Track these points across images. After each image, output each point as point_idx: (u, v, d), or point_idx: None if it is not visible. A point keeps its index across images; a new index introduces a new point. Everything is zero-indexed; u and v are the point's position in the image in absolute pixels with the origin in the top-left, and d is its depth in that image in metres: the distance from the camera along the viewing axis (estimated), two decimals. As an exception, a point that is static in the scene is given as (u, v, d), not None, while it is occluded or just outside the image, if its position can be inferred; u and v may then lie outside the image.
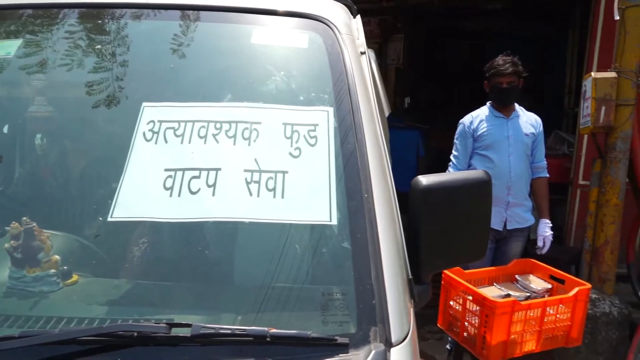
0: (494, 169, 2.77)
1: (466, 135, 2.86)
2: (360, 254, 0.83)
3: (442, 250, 1.01)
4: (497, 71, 2.74)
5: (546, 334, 2.36)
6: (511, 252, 2.89)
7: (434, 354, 3.31)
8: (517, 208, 2.81)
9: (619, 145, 2.82)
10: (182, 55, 1.11)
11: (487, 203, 1.04)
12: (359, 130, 0.98)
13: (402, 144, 5.05)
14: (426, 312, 3.81)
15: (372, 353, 0.73)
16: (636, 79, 2.77)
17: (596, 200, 2.96)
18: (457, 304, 2.45)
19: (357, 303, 0.80)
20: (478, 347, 2.29)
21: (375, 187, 0.91)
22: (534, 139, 2.82)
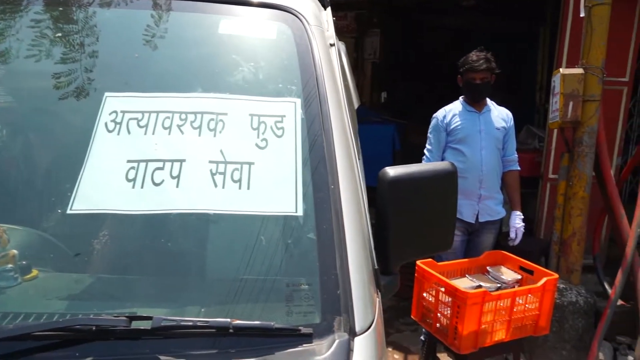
0: (466, 162, 2.82)
1: (439, 129, 2.90)
2: (326, 244, 0.84)
3: (410, 240, 1.03)
4: (471, 67, 2.78)
5: (515, 323, 2.41)
6: (483, 244, 2.94)
7: (408, 346, 3.36)
8: (489, 201, 2.86)
9: (586, 139, 2.91)
10: (147, 45, 1.09)
11: (453, 194, 1.05)
12: (327, 121, 0.98)
13: (378, 139, 5.09)
14: (402, 305, 3.86)
15: (336, 342, 0.74)
16: (602, 76, 2.85)
17: (564, 193, 3.04)
18: (430, 295, 2.49)
19: (322, 293, 0.80)
20: (450, 338, 2.33)
21: (341, 179, 0.91)
22: (505, 132, 2.87)
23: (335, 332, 0.76)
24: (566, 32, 3.85)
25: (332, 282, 0.80)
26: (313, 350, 0.74)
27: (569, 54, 3.83)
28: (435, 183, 1.02)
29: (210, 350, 0.73)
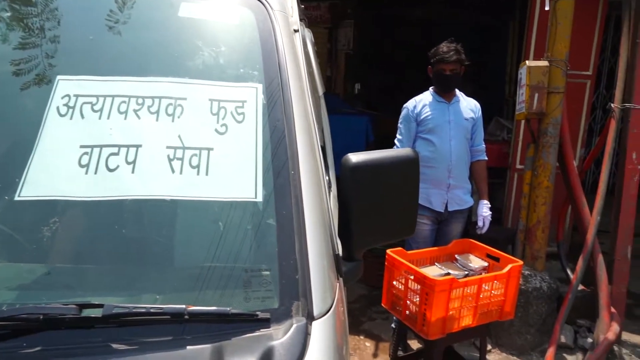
0: (435, 152, 2.86)
1: (410, 119, 2.92)
2: (285, 230, 0.83)
3: (373, 227, 1.03)
4: (441, 58, 2.80)
5: (482, 309, 2.47)
6: (452, 233, 3.00)
7: (380, 334, 3.41)
8: (458, 190, 2.91)
9: (550, 130, 2.99)
10: (103, 26, 1.05)
11: (415, 180, 1.06)
12: (288, 107, 0.97)
13: (351, 130, 5.11)
14: (374, 294, 3.91)
15: (293, 327, 0.74)
16: (565, 68, 2.93)
17: (530, 183, 3.12)
18: (400, 283, 2.52)
19: (280, 279, 0.80)
20: (419, 324, 2.37)
21: (302, 165, 0.91)
22: (474, 123, 2.92)
23: (293, 317, 0.76)
24: (533, 26, 3.94)
25: (290, 268, 0.80)
26: (270, 334, 0.73)
27: (536, 47, 3.92)
28: (397, 169, 1.03)
29: (165, 337, 0.72)
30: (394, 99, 3.01)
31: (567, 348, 3.09)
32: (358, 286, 4.16)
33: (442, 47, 2.84)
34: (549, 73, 2.90)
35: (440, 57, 2.80)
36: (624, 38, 3.01)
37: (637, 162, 2.95)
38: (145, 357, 0.68)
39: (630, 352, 3.03)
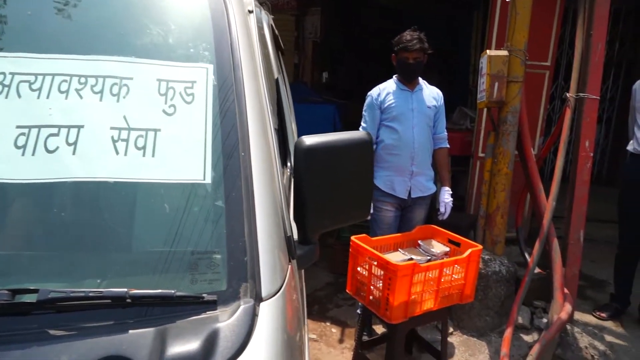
0: (399, 139, 2.89)
1: (374, 107, 2.94)
2: (234, 212, 0.82)
3: (327, 209, 1.03)
4: (405, 46, 2.82)
5: (443, 292, 2.54)
6: (415, 219, 3.05)
7: (346, 319, 3.45)
8: (420, 177, 2.96)
9: (510, 118, 3.07)
10: (42, 1, 1.00)
11: (369, 163, 1.07)
12: (240, 89, 0.95)
13: (319, 118, 5.10)
14: (340, 281, 3.95)
15: (240, 308, 0.73)
16: (524, 58, 3.01)
17: (490, 170, 3.21)
18: (364, 269, 2.55)
19: (229, 260, 0.79)
20: (382, 309, 2.41)
21: (253, 146, 0.90)
22: (436, 111, 2.96)
23: (240, 299, 0.75)
24: (495, 16, 4.02)
25: (239, 250, 0.79)
26: (217, 316, 0.73)
27: (497, 38, 4.00)
28: (351, 152, 1.03)
29: (106, 322, 0.70)
30: (363, 88, 3.02)
31: (524, 328, 3.22)
32: (324, 273, 4.19)
33: (405, 35, 2.86)
34: (509, 62, 2.97)
35: (404, 46, 2.82)
36: (579, 30, 3.11)
37: (589, 150, 3.07)
38: (85, 342, 0.66)
39: (582, 330, 3.18)
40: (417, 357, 3.02)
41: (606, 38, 3.11)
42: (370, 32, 7.33)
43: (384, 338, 2.95)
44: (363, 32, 7.41)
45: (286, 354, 0.75)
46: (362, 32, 7.42)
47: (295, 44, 5.90)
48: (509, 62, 2.97)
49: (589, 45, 3.03)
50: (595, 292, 3.99)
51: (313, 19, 6.04)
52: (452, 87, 6.52)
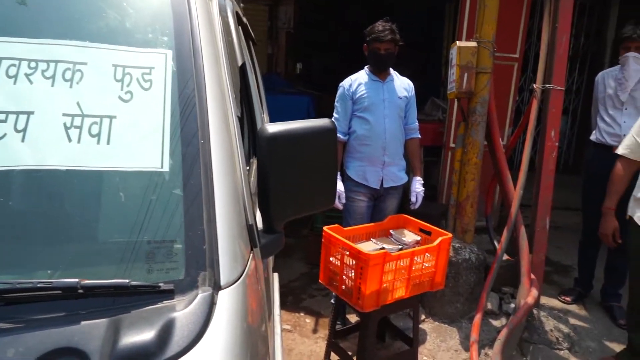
0: (371, 130, 2.90)
1: (346, 98, 2.94)
2: (192, 200, 0.81)
3: (292, 198, 1.03)
4: (377, 37, 2.83)
5: (414, 280, 2.58)
6: (387, 209, 3.08)
7: (320, 310, 3.47)
8: (392, 167, 2.98)
9: (479, 109, 3.12)
10: (-11, -17, 0.95)
11: (333, 151, 1.07)
12: (200, 75, 0.93)
13: (293, 109, 5.07)
14: (314, 272, 3.96)
15: (198, 297, 0.72)
16: (492, 49, 3.06)
17: (460, 160, 3.26)
18: (336, 259, 2.57)
19: (186, 249, 0.78)
20: (354, 298, 2.43)
21: (213, 134, 0.88)
22: (407, 102, 2.98)
23: (199, 287, 0.74)
24: (466, 8, 4.07)
25: (197, 238, 0.78)
26: (173, 305, 0.71)
27: (468, 29, 4.05)
28: (315, 140, 1.03)
29: (57, 313, 0.68)
30: (337, 79, 3.01)
31: (493, 314, 3.31)
32: (299, 264, 4.20)
33: (377, 26, 2.86)
34: (478, 54, 3.01)
35: (376, 36, 2.83)
36: (545, 23, 3.18)
37: (555, 140, 3.16)
38: (33, 334, 0.64)
39: (547, 314, 3.29)
40: (389, 345, 3.07)
41: (571, 31, 3.19)
42: (344, 23, 7.31)
43: (357, 327, 2.98)
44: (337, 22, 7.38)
45: (246, 342, 0.74)
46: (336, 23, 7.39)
47: (268, 35, 5.84)
48: (477, 54, 3.01)
49: (555, 38, 3.10)
50: (560, 277, 4.13)
51: (286, 9, 5.98)
52: (425, 78, 6.58)
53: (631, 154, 2.59)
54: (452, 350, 3.02)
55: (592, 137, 3.47)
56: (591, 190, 3.38)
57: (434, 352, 3.01)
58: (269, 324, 1.24)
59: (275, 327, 1.62)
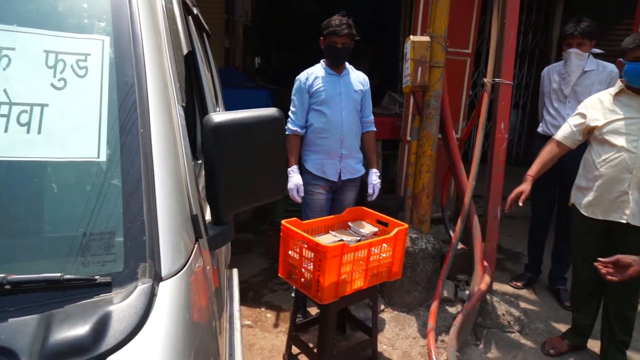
0: (328, 123, 2.92)
1: (302, 91, 2.94)
2: (131, 191, 0.78)
3: (240, 189, 1.02)
4: (333, 31, 2.83)
5: (372, 271, 2.62)
6: (346, 201, 3.11)
7: (281, 304, 3.47)
8: (350, 160, 3.01)
9: (432, 102, 3.20)
10: None
11: (281, 140, 1.06)
12: (140, 63, 0.90)
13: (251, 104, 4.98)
14: (275, 266, 3.95)
15: (137, 289, 0.70)
16: (445, 44, 3.14)
17: (416, 152, 3.33)
18: (295, 252, 2.57)
19: (125, 240, 0.75)
20: (313, 290, 2.45)
21: (154, 123, 0.85)
22: (363, 95, 3.02)
23: (138, 279, 0.72)
24: (420, 3, 4.14)
25: (137, 229, 0.75)
26: (111, 299, 0.69)
27: (422, 24, 4.13)
28: (262, 129, 1.02)
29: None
30: (296, 73, 3.00)
31: (449, 301, 3.42)
32: (260, 259, 4.18)
33: (334, 19, 2.87)
34: (431, 48, 3.08)
35: (333, 30, 2.84)
36: (494, 20, 3.29)
37: (505, 132, 3.28)
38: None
39: (500, 299, 3.43)
40: (350, 335, 3.11)
41: (519, 28, 3.32)
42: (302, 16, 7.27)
43: (317, 319, 3.00)
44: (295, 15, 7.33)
45: (189, 334, 0.73)
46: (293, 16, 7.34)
47: (225, 28, 5.73)
48: (431, 48, 3.08)
49: (503, 34, 3.22)
50: (512, 263, 4.31)
51: (243, 2, 5.88)
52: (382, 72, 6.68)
53: (564, 139, 2.75)
54: (411, 337, 3.10)
55: (539, 129, 3.64)
56: (539, 180, 3.53)
57: (393, 341, 3.07)
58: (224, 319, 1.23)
59: (235, 323, 1.61)
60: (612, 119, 2.51)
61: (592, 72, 3.34)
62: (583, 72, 3.34)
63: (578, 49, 3.30)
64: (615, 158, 2.48)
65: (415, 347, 3.01)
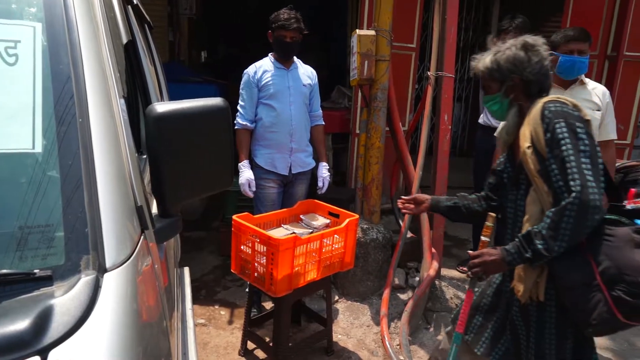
0: (277, 117, 2.92)
1: (251, 85, 2.92)
2: (71, 182, 0.75)
3: (185, 180, 1.01)
4: (282, 25, 2.82)
5: (325, 262, 2.66)
6: (297, 195, 3.13)
7: (235, 301, 3.44)
8: (300, 153, 3.03)
9: (379, 95, 3.28)
10: None
11: (227, 130, 1.06)
12: (76, 50, 0.87)
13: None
14: (228, 263, 3.90)
15: (81, 281, 0.68)
16: (390, 38, 3.22)
17: (365, 145, 3.41)
18: (248, 247, 2.56)
19: (66, 233, 0.73)
20: (267, 284, 2.45)
21: (93, 112, 0.83)
22: (311, 89, 3.04)
23: (81, 272, 0.70)
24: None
25: (78, 221, 0.73)
26: (52, 292, 0.67)
27: (368, 18, 4.22)
28: (207, 119, 1.01)
29: None
30: (244, 67, 2.97)
31: (400, 288, 3.53)
32: (212, 257, 4.11)
33: (282, 13, 2.86)
34: (377, 42, 3.16)
35: (281, 24, 2.83)
36: (436, 15, 3.42)
37: (448, 123, 3.42)
38: None
39: (447, 284, 3.58)
40: (305, 327, 3.14)
41: (460, 24, 3.47)
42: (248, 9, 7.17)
43: (272, 313, 3.01)
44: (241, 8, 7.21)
45: (137, 325, 0.72)
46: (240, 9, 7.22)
47: (169, 21, 5.55)
48: (376, 42, 3.15)
49: (445, 30, 3.35)
50: (458, 249, 4.51)
51: (187, -5, 5.74)
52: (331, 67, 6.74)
53: None
54: (365, 326, 3.18)
55: (480, 120, 3.82)
56: (480, 167, 3.72)
57: (348, 330, 3.13)
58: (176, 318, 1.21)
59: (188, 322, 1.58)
60: None
61: (525, 66, 3.54)
62: (518, 66, 3.54)
63: (513, 44, 3.49)
64: None
65: (369, 335, 3.09)
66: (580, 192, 1.39)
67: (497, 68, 1.68)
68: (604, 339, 3.14)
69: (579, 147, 1.45)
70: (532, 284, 1.58)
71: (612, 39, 4.63)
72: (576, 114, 1.53)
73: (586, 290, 1.45)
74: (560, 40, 2.62)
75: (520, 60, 1.64)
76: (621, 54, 4.53)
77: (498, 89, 1.72)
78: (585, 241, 1.48)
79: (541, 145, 1.51)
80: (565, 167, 1.45)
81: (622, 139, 4.71)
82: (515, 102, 1.69)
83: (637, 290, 1.39)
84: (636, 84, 4.65)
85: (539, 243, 1.47)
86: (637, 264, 1.40)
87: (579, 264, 1.47)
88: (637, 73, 4.62)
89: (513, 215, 1.73)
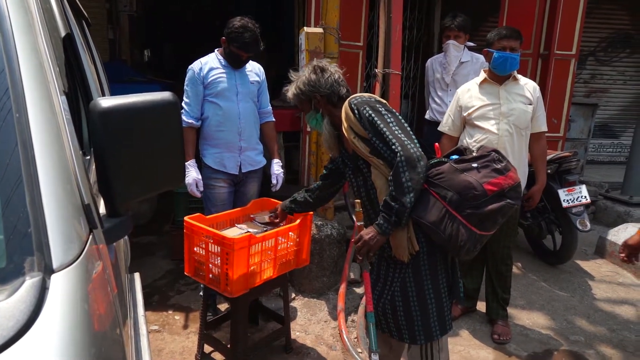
0: (224, 116, 2.87)
1: (196, 82, 2.85)
2: (10, 181, 0.71)
3: (134, 177, 0.97)
4: (241, 46, 2.74)
5: (280, 260, 2.65)
6: (249, 193, 3.10)
7: (189, 304, 3.36)
8: (250, 152, 3.00)
9: (329, 92, 3.30)
10: None
11: (176, 125, 1.04)
12: (8, 42, 0.81)
13: (143, 100, 4.72)
14: (181, 267, 3.80)
15: (26, 283, 0.65)
16: (337, 36, 3.26)
17: (316, 142, 3.43)
18: (201, 248, 2.51)
19: (6, 234, 0.68)
20: (222, 285, 2.41)
21: (32, 108, 0.78)
22: (259, 86, 3.02)
23: (26, 273, 0.66)
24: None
25: (20, 221, 0.69)
26: None
27: (315, 16, 4.24)
28: (156, 114, 0.98)
29: None
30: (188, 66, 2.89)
31: (356, 282, 3.59)
32: (164, 262, 3.99)
33: (239, 28, 2.71)
34: (324, 39, 3.19)
35: (240, 45, 2.72)
36: (382, 14, 3.50)
37: (396, 119, 3.51)
38: None
39: (401, 275, 3.68)
40: (263, 327, 3.12)
41: (405, 23, 3.57)
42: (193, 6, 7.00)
43: (228, 314, 2.96)
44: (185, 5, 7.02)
45: (88, 326, 0.68)
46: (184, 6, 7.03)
47: (108, 18, 5.30)
48: (324, 39, 3.18)
49: (390, 28, 3.43)
50: (410, 242, 4.64)
51: (127, -9, 5.50)
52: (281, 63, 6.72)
53: (450, 131, 3.04)
54: (322, 321, 3.20)
55: (427, 116, 3.96)
56: (428, 162, 3.86)
57: (306, 327, 3.15)
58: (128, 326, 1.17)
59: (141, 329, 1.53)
60: (479, 105, 2.84)
61: (467, 63, 3.72)
62: (460, 62, 3.71)
63: (455, 40, 3.65)
64: (483, 139, 2.82)
65: (327, 330, 3.12)
66: (402, 150, 1.71)
67: (301, 92, 2.05)
68: (544, 318, 3.36)
69: (386, 120, 1.79)
70: (407, 242, 1.83)
71: (544, 38, 4.95)
72: (373, 99, 1.89)
73: (445, 222, 1.74)
74: (494, 37, 2.78)
75: (314, 81, 2.00)
76: (552, 53, 4.85)
77: (310, 108, 2.08)
78: (426, 184, 1.78)
79: (361, 130, 1.83)
80: (384, 139, 1.76)
81: (556, 131, 5.04)
82: (326, 113, 2.05)
83: (476, 202, 1.71)
84: (566, 80, 4.99)
85: (395, 204, 1.73)
86: (467, 183, 1.73)
87: (431, 205, 1.76)
88: (566, 70, 4.97)
89: (367, 197, 2.01)
